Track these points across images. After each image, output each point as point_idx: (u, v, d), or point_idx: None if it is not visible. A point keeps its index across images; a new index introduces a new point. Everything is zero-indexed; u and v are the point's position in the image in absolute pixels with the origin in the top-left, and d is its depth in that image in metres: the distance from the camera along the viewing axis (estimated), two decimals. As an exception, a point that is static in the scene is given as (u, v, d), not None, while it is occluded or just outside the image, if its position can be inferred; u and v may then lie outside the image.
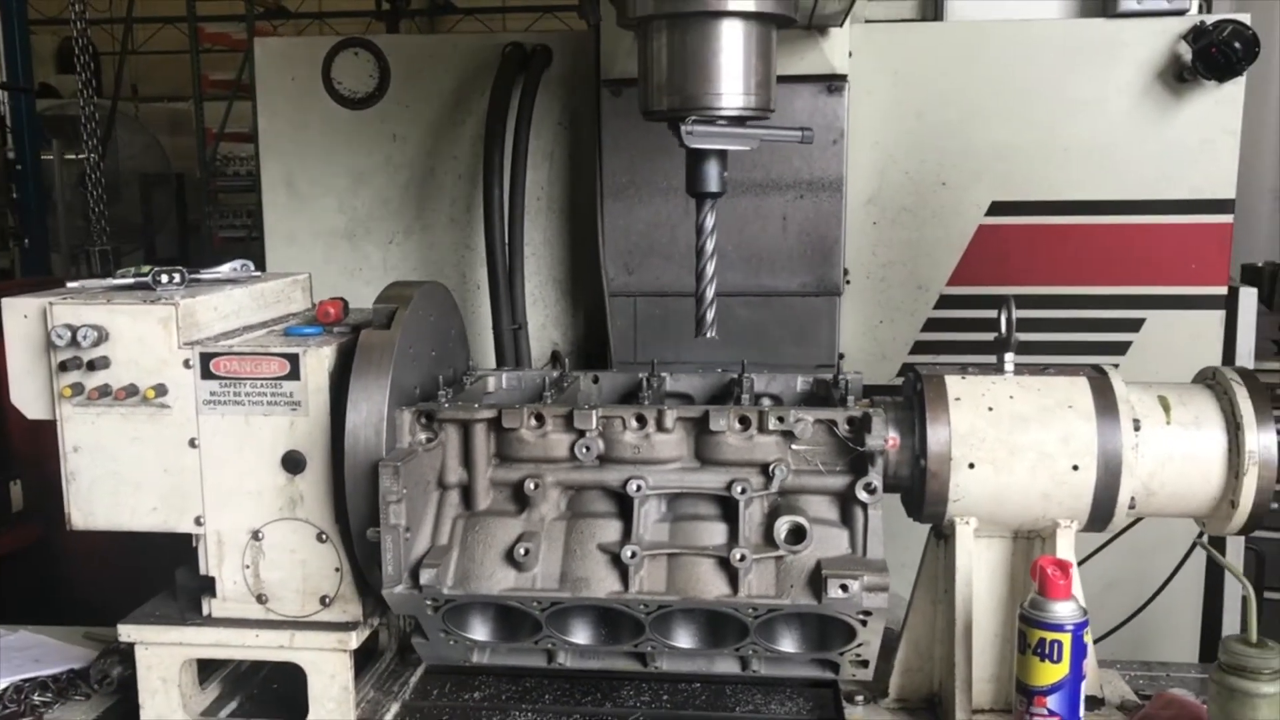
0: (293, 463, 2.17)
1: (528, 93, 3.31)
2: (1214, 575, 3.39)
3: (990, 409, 2.14)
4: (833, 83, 2.97)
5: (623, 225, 3.06)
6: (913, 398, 2.20)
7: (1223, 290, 3.29)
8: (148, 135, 10.71)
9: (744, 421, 2.09)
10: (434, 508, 2.15)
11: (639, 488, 2.08)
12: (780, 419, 2.06)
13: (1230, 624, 3.50)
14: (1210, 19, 3.10)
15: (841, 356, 3.14)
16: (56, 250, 9.22)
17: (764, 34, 2.19)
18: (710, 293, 2.27)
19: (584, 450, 2.11)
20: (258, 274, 2.56)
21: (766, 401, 2.46)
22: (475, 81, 3.44)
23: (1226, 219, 3.25)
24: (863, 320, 3.39)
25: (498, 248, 3.29)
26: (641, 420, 2.11)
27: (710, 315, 2.33)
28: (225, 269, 2.54)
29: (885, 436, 2.04)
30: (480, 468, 2.14)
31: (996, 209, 3.31)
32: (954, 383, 2.18)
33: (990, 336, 2.25)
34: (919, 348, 3.40)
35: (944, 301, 3.37)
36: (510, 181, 3.32)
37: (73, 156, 8.67)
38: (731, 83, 2.15)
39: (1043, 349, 3.32)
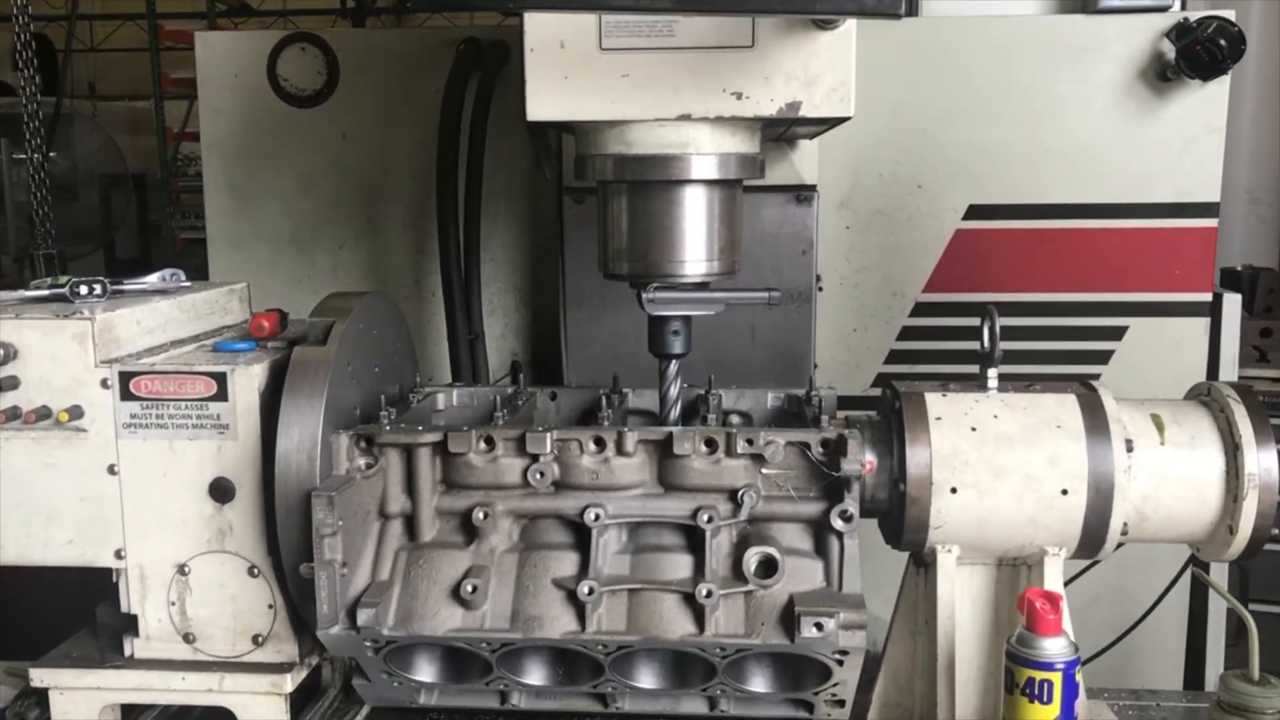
0: (221, 491, 2.01)
1: (483, 91, 3.15)
2: (1199, 592, 3.28)
3: (973, 429, 2.00)
4: (802, 193, 2.87)
5: (587, 335, 2.93)
6: (890, 416, 2.06)
7: (1207, 297, 3.17)
8: (102, 134, 10.40)
9: (710, 444, 1.93)
10: (374, 539, 1.99)
11: (597, 516, 1.92)
12: (749, 441, 1.91)
13: (1215, 642, 3.39)
14: (1194, 15, 2.98)
15: (815, 367, 3.00)
16: (6, 253, 8.92)
17: (728, 197, 2.07)
18: None
19: (538, 476, 1.95)
20: (188, 284, 2.38)
21: (735, 419, 2.32)
22: (429, 79, 3.27)
23: (1211, 223, 3.14)
24: (836, 328, 3.25)
25: (452, 254, 3.13)
26: (600, 443, 1.95)
27: None
28: (153, 279, 2.36)
29: (861, 460, 1.90)
30: (425, 496, 1.98)
31: (974, 212, 3.18)
32: (934, 401, 2.04)
33: (969, 345, 2.12)
34: (894, 357, 3.27)
35: (920, 309, 3.23)
36: (466, 184, 3.16)
37: (22, 156, 8.38)
38: (695, 249, 2.05)
39: (1023, 358, 3.19)
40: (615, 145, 2.00)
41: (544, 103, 1.91)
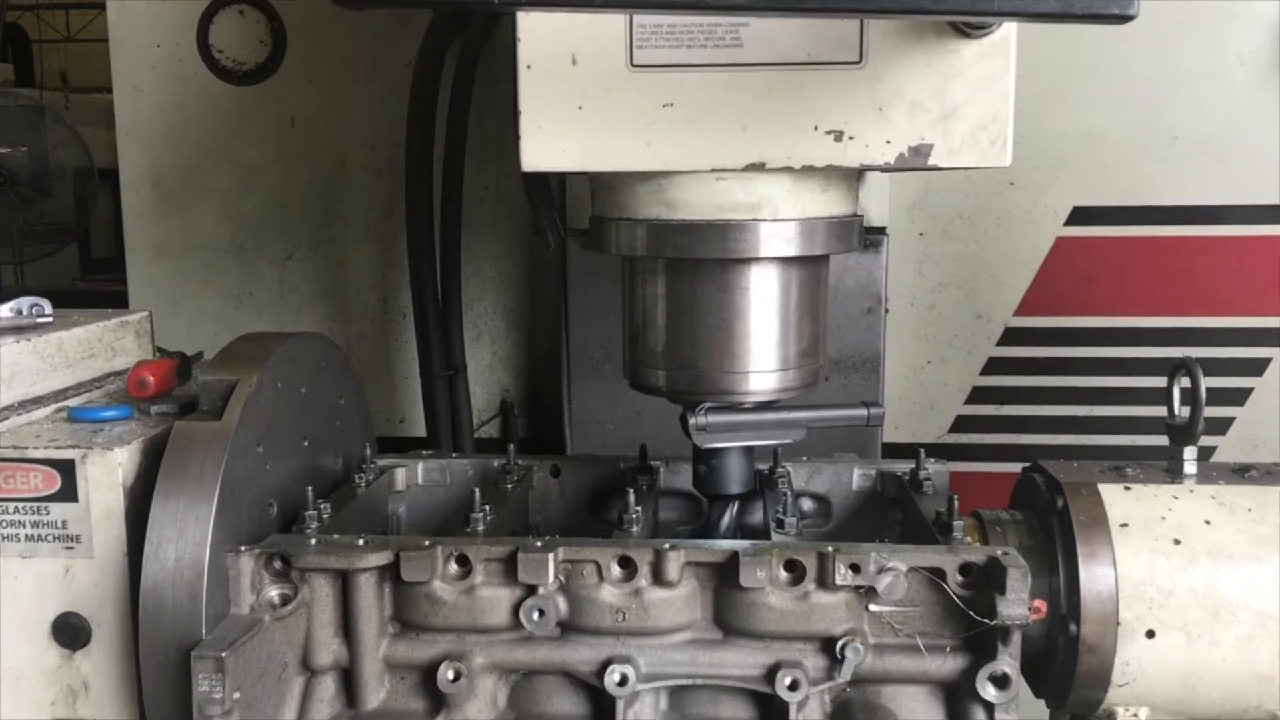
0: (70, 633, 1.38)
1: (466, 62, 2.50)
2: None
3: (1176, 541, 1.36)
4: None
5: (594, 410, 2.33)
6: (1052, 519, 1.42)
7: (1374, 323, 2.54)
8: (66, 127, 9.74)
9: (793, 568, 1.30)
10: (294, 706, 1.35)
11: (624, 679, 1.29)
12: (855, 567, 1.27)
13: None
14: (1370, -38, 2.35)
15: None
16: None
17: (811, 280, 1.45)
18: None
19: (535, 615, 1.31)
20: (51, 317, 1.73)
21: (807, 504, 1.69)
22: (399, 48, 2.63)
23: (1381, 229, 2.51)
24: (905, 361, 2.64)
25: (426, 267, 2.49)
26: (628, 565, 1.31)
27: None
28: (3, 311, 1.71)
29: (1028, 600, 1.25)
30: (368, 642, 1.34)
31: (1079, 216, 2.57)
32: (1115, 497, 1.41)
33: (1073, 382, 1.51)
34: (978, 396, 2.65)
35: (1011, 336, 2.62)
36: (444, 179, 2.52)
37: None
38: (764, 356, 1.43)
39: (1136, 398, 2.58)
40: (651, 207, 1.38)
41: (546, 146, 1.29)
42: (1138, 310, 2.58)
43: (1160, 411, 2.64)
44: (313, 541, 1.34)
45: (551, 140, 1.29)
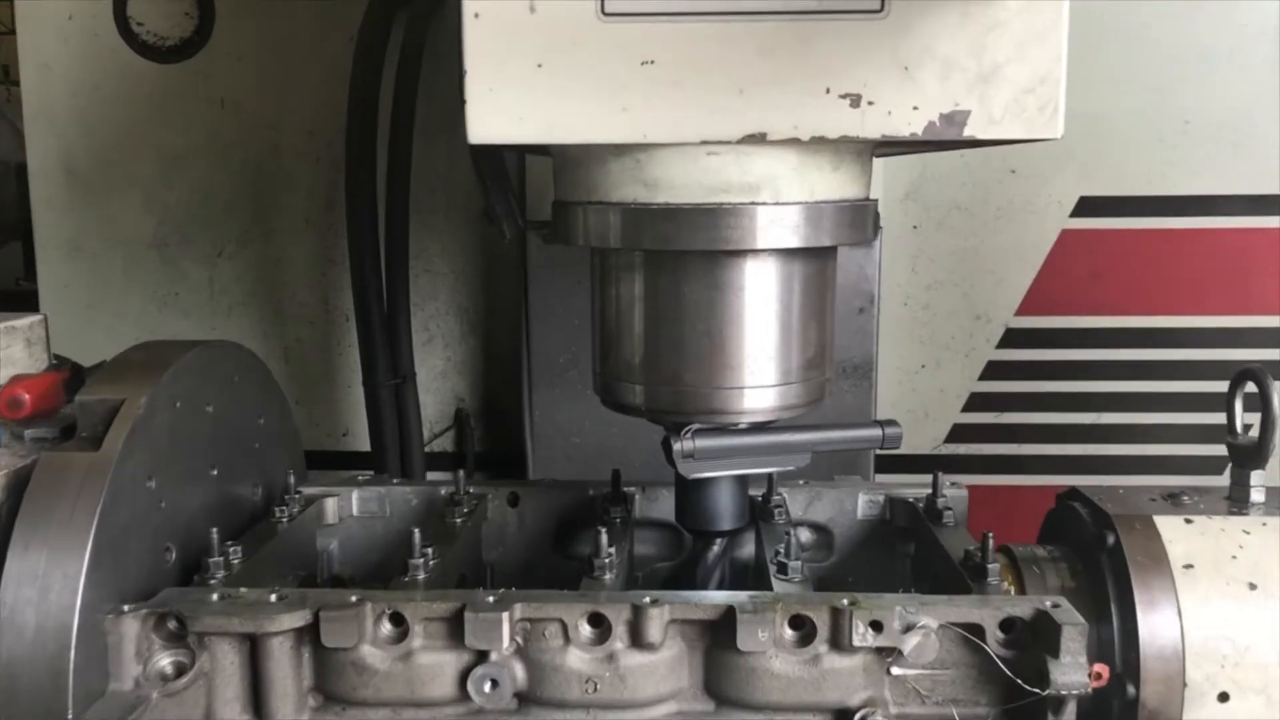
0: (-88, 710, 1.11)
1: (414, 35, 2.26)
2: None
3: (1251, 585, 1.15)
4: None
5: (559, 421, 2.11)
6: (1097, 556, 1.21)
7: (1406, 322, 2.37)
8: (6, 121, 9.32)
9: (800, 625, 1.07)
10: (191, 801, 1.10)
11: (597, 763, 1.05)
12: (876, 625, 1.05)
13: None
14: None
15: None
16: None
17: (817, 276, 1.23)
18: None
19: (487, 686, 1.07)
20: (-87, 324, 1.47)
21: (805, 534, 1.47)
22: (339, 22, 2.39)
23: None
24: (898, 365, 2.44)
25: (369, 264, 2.24)
26: (600, 625, 1.08)
27: None
28: None
29: (1086, 664, 1.03)
30: (283, 719, 1.09)
31: (1086, 207, 2.40)
32: (1174, 532, 1.20)
33: (1081, 387, 1.40)
34: (976, 402, 2.46)
35: (1012, 337, 2.44)
36: (390, 167, 2.28)
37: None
38: (760, 369, 1.21)
39: (1149, 404, 2.39)
40: (627, 188, 1.15)
41: (498, 113, 1.06)
42: (1149, 309, 2.40)
43: (1175, 419, 2.48)
44: (214, 597, 1.10)
45: (505, 106, 1.06)
